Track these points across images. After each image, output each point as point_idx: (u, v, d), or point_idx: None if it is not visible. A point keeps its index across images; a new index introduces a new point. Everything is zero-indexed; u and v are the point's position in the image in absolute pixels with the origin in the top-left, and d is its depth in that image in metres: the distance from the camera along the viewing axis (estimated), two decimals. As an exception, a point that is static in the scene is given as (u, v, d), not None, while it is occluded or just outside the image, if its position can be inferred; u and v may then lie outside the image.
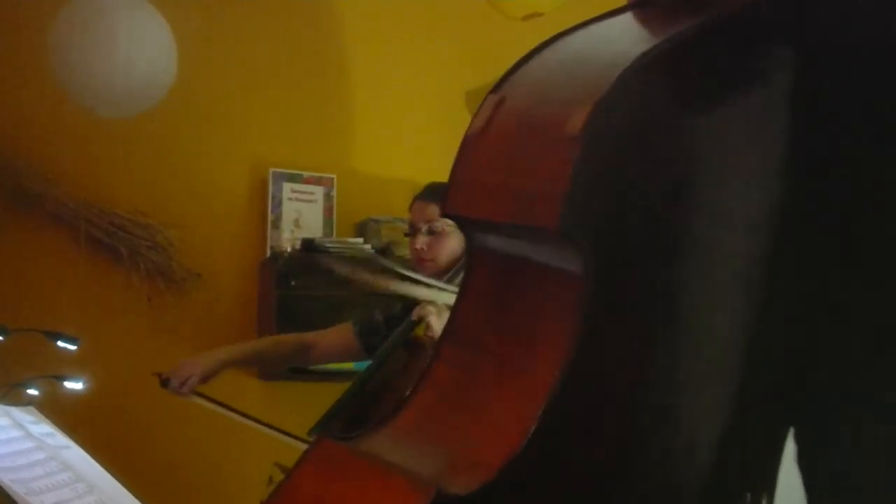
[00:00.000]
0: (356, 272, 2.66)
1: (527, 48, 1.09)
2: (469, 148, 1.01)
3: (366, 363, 2.65)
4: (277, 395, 3.55)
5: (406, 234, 2.80)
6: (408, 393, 1.06)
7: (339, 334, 2.87)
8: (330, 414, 2.36)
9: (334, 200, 3.87)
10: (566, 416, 0.92)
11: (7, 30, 3.45)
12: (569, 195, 0.88)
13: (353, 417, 2.30)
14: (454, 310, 1.08)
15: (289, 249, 3.66)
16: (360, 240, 3.76)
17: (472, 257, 1.07)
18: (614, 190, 0.95)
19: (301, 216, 3.82)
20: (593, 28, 1.04)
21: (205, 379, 2.75)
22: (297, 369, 3.43)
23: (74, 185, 3.49)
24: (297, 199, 3.82)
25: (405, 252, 3.22)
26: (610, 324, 0.96)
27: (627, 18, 1.04)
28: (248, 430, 2.83)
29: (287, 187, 3.81)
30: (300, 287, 3.65)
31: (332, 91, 3.96)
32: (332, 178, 3.88)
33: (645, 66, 0.92)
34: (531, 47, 1.08)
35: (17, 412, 1.63)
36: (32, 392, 2.67)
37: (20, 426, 1.55)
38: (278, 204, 3.79)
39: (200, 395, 2.76)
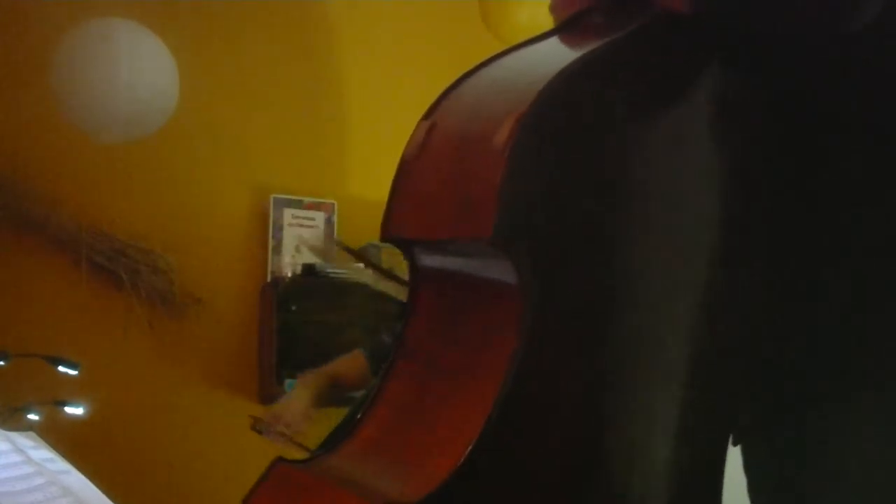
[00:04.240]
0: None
1: (525, 74, 1.12)
2: (405, 171, 1.07)
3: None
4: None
5: None
6: (362, 412, 1.08)
7: (354, 362, 2.85)
8: (332, 437, 2.36)
9: (335, 226, 3.88)
10: (513, 424, 0.95)
11: (9, 55, 3.47)
12: (500, 203, 0.92)
13: None
14: (403, 327, 1.10)
15: (289, 274, 3.67)
16: (361, 265, 3.75)
17: (416, 278, 1.10)
18: (546, 196, 0.99)
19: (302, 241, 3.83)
20: (520, 52, 1.10)
21: (310, 416, 2.70)
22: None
23: (75, 210, 3.49)
24: (297, 225, 3.83)
25: (405, 276, 3.21)
26: (554, 329, 0.99)
27: (552, 41, 1.11)
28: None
29: (288, 213, 3.82)
30: (301, 312, 3.65)
31: (333, 117, 3.97)
32: (333, 204, 3.90)
33: (565, 80, 0.97)
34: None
35: (17, 437, 1.62)
36: (33, 417, 2.67)
37: (20, 451, 1.55)
38: (279, 229, 3.80)
39: (298, 444, 2.65)
